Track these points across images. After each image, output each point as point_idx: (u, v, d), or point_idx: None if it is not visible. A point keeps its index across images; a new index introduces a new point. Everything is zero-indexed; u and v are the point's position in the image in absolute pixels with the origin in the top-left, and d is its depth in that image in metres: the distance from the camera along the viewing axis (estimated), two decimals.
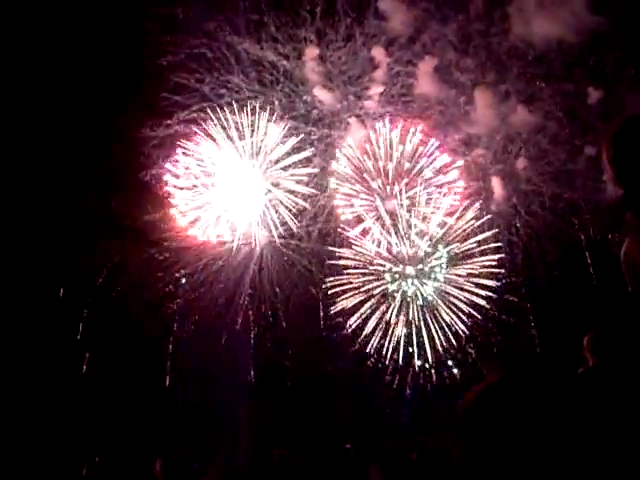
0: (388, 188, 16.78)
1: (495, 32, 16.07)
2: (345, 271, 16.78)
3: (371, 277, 17.04)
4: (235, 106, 16.00)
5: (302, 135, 16.33)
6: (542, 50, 16.10)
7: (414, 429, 15.54)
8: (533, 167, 16.42)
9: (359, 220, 16.88)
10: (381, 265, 17.07)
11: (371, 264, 17.03)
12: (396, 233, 16.76)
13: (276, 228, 16.63)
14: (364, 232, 16.88)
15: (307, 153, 16.40)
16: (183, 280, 16.82)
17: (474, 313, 16.54)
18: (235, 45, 15.92)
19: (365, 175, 16.71)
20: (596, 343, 8.35)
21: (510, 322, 16.69)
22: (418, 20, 15.92)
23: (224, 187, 16.34)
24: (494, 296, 16.46)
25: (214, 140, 16.10)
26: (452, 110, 16.21)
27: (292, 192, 16.59)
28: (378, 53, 15.97)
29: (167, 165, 16.16)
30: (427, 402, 16.94)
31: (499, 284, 16.53)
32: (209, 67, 16.09)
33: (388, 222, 16.66)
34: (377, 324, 16.86)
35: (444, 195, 16.71)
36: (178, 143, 16.09)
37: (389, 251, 16.98)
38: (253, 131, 16.25)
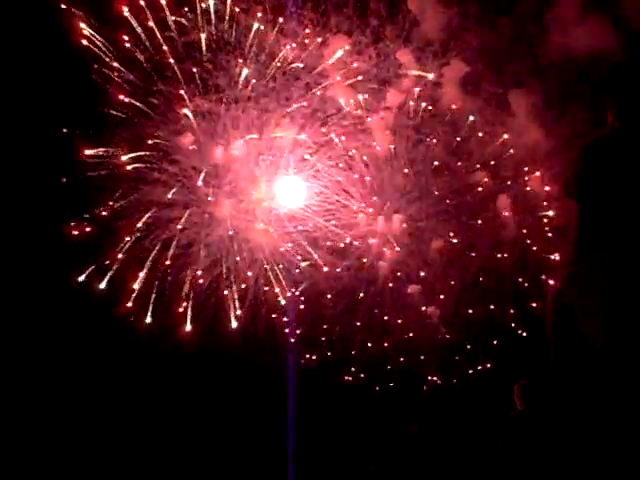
0: None
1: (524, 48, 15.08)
2: None
3: None
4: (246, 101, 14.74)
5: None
6: (572, 69, 15.26)
7: None
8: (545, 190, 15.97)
9: None
10: None
11: None
12: None
13: None
14: None
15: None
16: None
17: None
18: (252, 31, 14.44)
19: None
20: (525, 390, 9.02)
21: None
22: (451, 25, 14.74)
23: None
24: None
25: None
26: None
27: None
28: (405, 58, 14.81)
29: None
30: None
31: None
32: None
33: None
34: None
35: None
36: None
37: None
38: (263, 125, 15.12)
